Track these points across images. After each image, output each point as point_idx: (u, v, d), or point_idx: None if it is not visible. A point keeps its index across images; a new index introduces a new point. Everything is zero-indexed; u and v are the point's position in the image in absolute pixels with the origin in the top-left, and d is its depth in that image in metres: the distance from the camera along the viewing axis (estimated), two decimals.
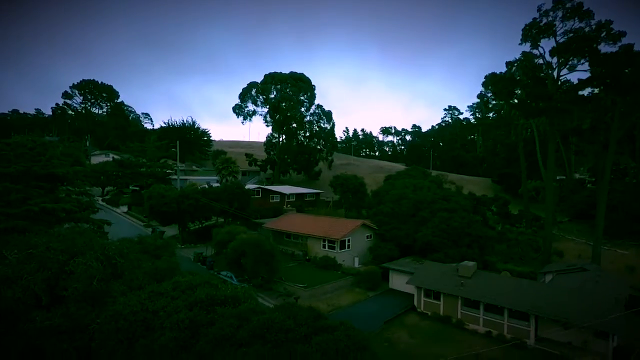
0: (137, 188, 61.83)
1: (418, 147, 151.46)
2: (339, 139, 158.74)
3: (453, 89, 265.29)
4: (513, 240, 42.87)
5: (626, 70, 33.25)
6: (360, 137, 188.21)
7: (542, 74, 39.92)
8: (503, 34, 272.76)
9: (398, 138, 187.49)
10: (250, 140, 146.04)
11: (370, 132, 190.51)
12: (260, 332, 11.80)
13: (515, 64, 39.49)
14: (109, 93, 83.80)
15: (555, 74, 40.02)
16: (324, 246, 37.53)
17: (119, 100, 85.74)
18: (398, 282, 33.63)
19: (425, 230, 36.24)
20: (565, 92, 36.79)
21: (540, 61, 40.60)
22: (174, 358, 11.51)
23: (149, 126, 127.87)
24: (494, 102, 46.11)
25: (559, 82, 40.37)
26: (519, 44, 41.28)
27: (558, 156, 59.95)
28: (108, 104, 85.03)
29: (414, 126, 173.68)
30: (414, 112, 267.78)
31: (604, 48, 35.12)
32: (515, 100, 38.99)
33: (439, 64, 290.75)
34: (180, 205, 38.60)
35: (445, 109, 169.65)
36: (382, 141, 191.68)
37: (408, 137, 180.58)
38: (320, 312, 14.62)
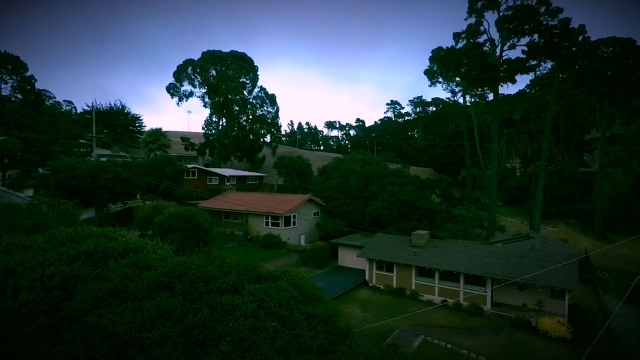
0: (49, 172, 52.99)
1: (362, 140, 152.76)
2: (283, 132, 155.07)
3: (395, 83, 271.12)
4: (459, 217, 42.70)
5: (566, 44, 34.22)
6: (305, 130, 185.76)
7: (487, 49, 40.08)
8: (440, 34, 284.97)
9: (342, 133, 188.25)
10: (190, 130, 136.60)
11: (315, 126, 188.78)
12: (166, 280, 8.17)
13: (462, 36, 39.27)
14: (15, 65, 71.89)
15: (498, 50, 40.40)
16: (266, 224, 33.96)
17: (29, 74, 73.99)
18: (348, 258, 31.21)
19: (375, 204, 34.26)
20: (510, 63, 37.14)
21: (485, 37, 40.80)
22: (27, 325, 7.45)
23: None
24: (440, 79, 46.17)
25: (501, 60, 40.85)
26: (465, 19, 41.28)
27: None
28: (14, 78, 73.08)
29: (358, 120, 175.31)
30: (358, 109, 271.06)
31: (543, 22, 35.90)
32: (462, 70, 38.84)
33: (379, 60, 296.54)
34: (96, 180, 32.62)
35: (387, 104, 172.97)
36: (327, 135, 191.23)
37: (352, 132, 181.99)
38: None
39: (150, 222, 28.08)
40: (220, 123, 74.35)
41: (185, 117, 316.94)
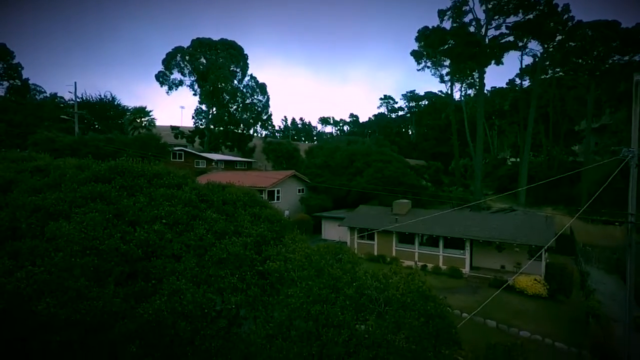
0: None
1: (356, 135, 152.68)
2: (277, 128, 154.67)
3: (389, 79, 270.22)
4: (445, 196, 42.74)
5: (550, 22, 34.42)
6: (299, 126, 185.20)
7: (473, 29, 40.16)
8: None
9: (336, 129, 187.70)
10: (183, 125, 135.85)
11: (309, 122, 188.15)
12: (109, 175, 8.01)
13: (448, 13, 39.29)
14: (1, 52, 71.09)
15: (483, 30, 40.47)
16: None
17: (15, 62, 73.23)
18: (331, 231, 31.16)
19: (360, 180, 34.21)
20: (494, 39, 37.25)
21: (471, 16, 40.85)
22: None
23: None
24: (428, 63, 46.35)
25: (487, 39, 40.92)
26: None
27: (483, 138, 62.77)
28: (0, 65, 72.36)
29: (352, 115, 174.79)
30: (352, 105, 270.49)
31: None
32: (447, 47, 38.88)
33: (373, 57, 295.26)
34: (77, 154, 32.24)
35: (381, 99, 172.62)
36: (321, 131, 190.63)
37: (346, 128, 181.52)
38: None
39: None
40: (210, 112, 73.92)
41: (179, 114, 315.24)
